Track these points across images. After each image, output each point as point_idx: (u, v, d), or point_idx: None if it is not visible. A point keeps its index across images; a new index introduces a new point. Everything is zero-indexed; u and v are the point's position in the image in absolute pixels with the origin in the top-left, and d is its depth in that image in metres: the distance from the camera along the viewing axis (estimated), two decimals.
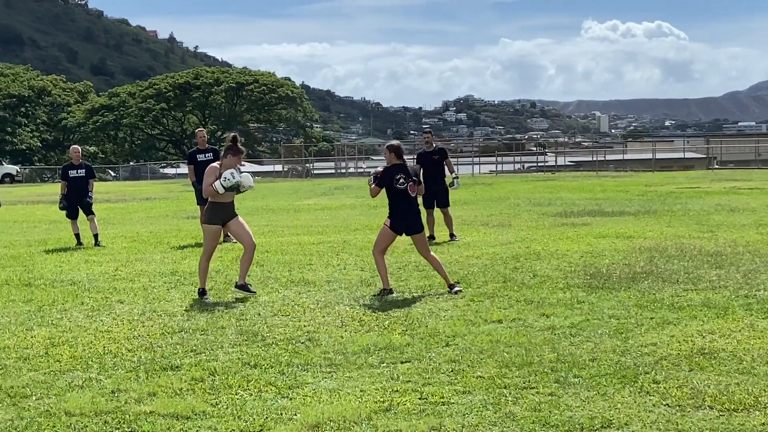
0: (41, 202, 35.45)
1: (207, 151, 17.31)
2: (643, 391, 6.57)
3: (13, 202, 35.39)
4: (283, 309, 9.95)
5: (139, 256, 15.11)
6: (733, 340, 7.99)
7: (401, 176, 10.79)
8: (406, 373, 7.21)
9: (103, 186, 49.38)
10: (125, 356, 8.02)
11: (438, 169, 16.46)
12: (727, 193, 27.74)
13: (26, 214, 28.24)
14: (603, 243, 14.81)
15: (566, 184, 37.09)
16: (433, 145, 16.69)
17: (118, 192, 42.76)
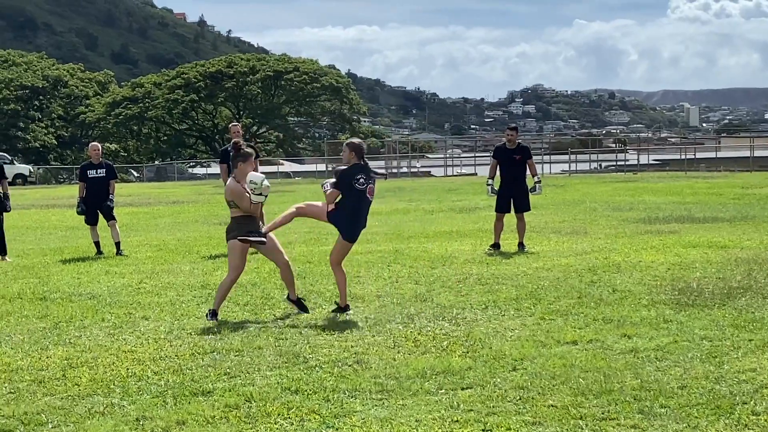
0: (57, 206, 36.00)
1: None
2: (740, 423, 6.50)
3: (26, 206, 35.96)
4: (328, 327, 10.00)
5: (166, 267, 15.28)
6: None
7: (361, 176, 10.76)
8: (467, 400, 7.20)
9: (125, 188, 50.02)
10: (151, 380, 8.12)
11: (519, 170, 16.55)
12: None
13: (40, 220, 28.69)
14: (693, 253, 14.69)
15: (650, 185, 36.81)
16: (516, 143, 16.72)
17: (142, 194, 43.29)
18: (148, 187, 55.23)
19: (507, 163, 16.48)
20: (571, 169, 62.19)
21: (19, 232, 23.54)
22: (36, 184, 68.38)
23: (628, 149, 79.56)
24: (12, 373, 8.44)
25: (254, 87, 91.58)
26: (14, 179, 66.91)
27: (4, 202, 17.48)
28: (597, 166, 69.49)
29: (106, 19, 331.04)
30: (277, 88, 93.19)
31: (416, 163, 73.58)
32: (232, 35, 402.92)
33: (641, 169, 60.98)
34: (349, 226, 10.84)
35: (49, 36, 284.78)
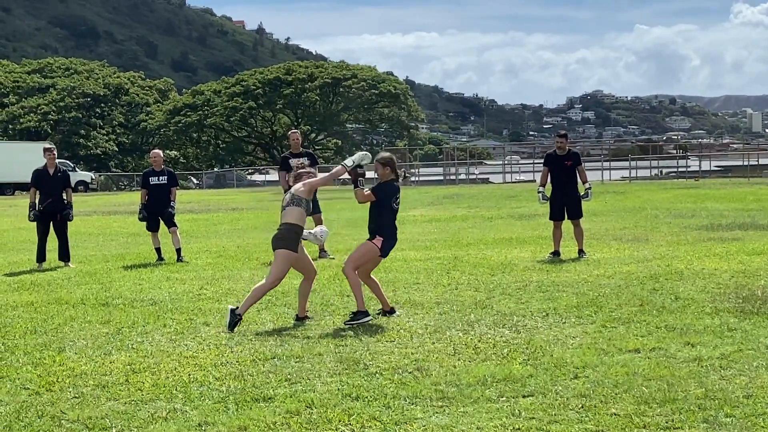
0: (118, 212, 36.45)
1: (301, 155, 17.54)
2: None
3: (88, 213, 36.47)
4: (388, 334, 10.01)
5: (226, 274, 15.40)
6: None
7: (398, 197, 11.08)
8: (528, 408, 7.17)
9: (185, 195, 50.48)
10: (212, 385, 8.17)
11: (570, 176, 16.44)
12: None
13: (102, 226, 29.06)
14: (758, 261, 14.51)
15: (712, 192, 36.42)
16: (566, 149, 16.64)
17: (202, 201, 43.68)
18: (208, 194, 55.70)
19: (558, 169, 16.43)
20: (632, 176, 61.67)
21: (81, 239, 23.85)
22: (97, 190, 69.28)
23: (689, 155, 78.76)
24: (76, 378, 8.55)
25: (312, 94, 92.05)
26: (76, 186, 67.79)
27: (68, 211, 17.74)
28: (658, 173, 68.95)
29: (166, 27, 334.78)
30: (335, 95, 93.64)
31: (474, 170, 73.49)
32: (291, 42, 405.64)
33: (703, 175, 60.36)
34: (388, 241, 10.99)
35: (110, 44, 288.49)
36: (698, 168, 65.76)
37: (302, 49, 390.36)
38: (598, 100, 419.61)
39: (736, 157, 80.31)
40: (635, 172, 64.17)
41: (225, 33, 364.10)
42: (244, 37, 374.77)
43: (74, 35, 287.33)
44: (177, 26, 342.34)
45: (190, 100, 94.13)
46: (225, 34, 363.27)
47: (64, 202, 17.72)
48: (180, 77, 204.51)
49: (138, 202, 18.50)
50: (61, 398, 7.89)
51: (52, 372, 8.78)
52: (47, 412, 7.49)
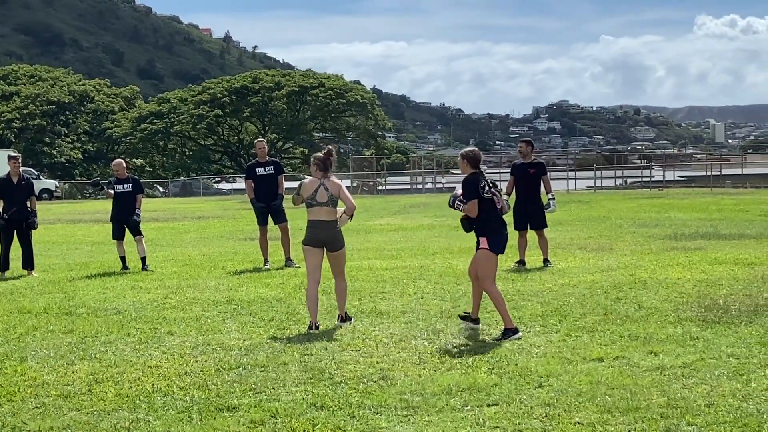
0: (82, 221, 36.21)
1: (267, 164, 17.51)
2: None
3: (52, 221, 36.21)
4: (353, 343, 10.00)
5: (191, 282, 15.33)
6: None
7: (484, 183, 10.48)
8: (493, 417, 7.19)
9: (151, 203, 50.22)
10: (176, 395, 8.14)
11: (533, 186, 16.45)
12: None
13: (66, 235, 28.87)
14: (719, 270, 14.62)
15: (676, 202, 36.69)
16: (532, 158, 16.67)
17: (168, 210, 43.47)
18: (174, 203, 55.46)
19: (522, 178, 16.45)
20: (596, 186, 61.99)
21: (45, 247, 23.68)
22: (62, 199, 68.75)
23: (653, 165, 79.28)
24: (38, 388, 8.48)
25: (280, 102, 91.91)
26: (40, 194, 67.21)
27: (33, 219, 17.62)
28: (622, 183, 69.32)
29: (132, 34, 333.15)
30: (302, 103, 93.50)
31: (441, 179, 73.56)
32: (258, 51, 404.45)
33: (667, 185, 60.79)
34: (498, 238, 10.50)
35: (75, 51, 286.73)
36: (662, 178, 66.19)
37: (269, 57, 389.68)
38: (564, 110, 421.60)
39: (699, 167, 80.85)
40: (600, 181, 64.48)
41: (192, 41, 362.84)
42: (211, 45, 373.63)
43: (39, 42, 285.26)
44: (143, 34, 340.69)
45: (156, 108, 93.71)
46: (192, 41, 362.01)
47: (29, 210, 17.58)
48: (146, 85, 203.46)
49: (107, 211, 18.35)
50: (22, 408, 7.82)
51: (13, 382, 8.71)
52: (8, 422, 7.43)
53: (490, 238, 10.46)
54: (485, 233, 10.50)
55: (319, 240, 11.08)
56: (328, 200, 11.00)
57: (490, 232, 10.49)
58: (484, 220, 10.46)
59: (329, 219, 11.05)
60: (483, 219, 10.47)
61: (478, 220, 10.48)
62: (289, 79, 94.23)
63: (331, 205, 11.05)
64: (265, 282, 15.02)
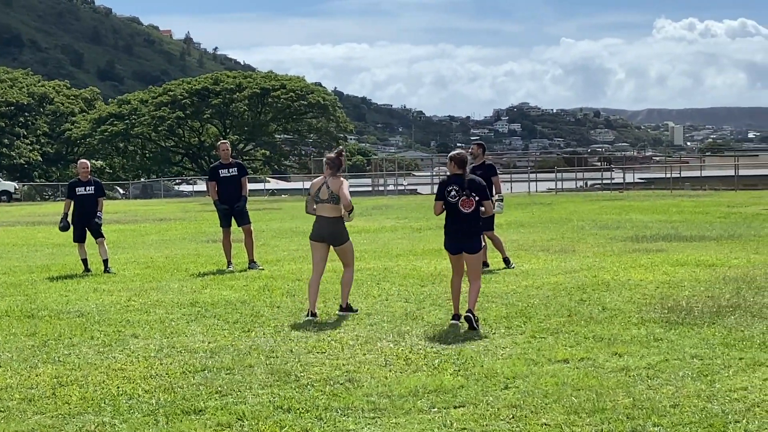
0: (43, 223, 35.84)
1: (231, 165, 17.43)
2: None
3: (12, 223, 35.86)
4: (319, 345, 9.98)
5: (154, 285, 15.23)
6: None
7: (453, 188, 10.92)
8: (460, 419, 7.20)
9: (111, 205, 49.84)
10: (142, 398, 8.08)
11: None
12: None
13: (26, 237, 28.57)
14: (681, 272, 14.72)
15: (636, 204, 36.93)
16: (482, 160, 16.68)
17: (129, 212, 43.18)
18: (134, 205, 55.10)
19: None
20: (557, 188, 62.30)
21: (5, 250, 23.45)
22: (21, 201, 68.12)
23: (613, 168, 79.78)
24: (1, 392, 8.40)
25: (241, 104, 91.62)
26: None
27: None
28: (583, 185, 69.68)
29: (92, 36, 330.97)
30: (263, 105, 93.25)
31: (403, 181, 73.66)
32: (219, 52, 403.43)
33: (627, 187, 61.18)
34: (445, 236, 11.19)
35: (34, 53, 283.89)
36: (622, 180, 66.62)
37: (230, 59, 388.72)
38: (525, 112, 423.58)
39: (659, 169, 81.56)
40: (561, 183, 64.81)
41: (152, 42, 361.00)
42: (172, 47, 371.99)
43: None
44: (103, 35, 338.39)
45: (117, 110, 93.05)
46: (152, 43, 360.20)
47: None
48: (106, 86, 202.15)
49: (62, 212, 18.17)
50: None
51: None
52: None
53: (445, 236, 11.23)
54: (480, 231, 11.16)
55: (321, 235, 11.81)
56: (329, 197, 11.65)
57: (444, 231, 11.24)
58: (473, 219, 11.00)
59: (331, 215, 11.70)
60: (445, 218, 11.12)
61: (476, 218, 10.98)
62: (251, 81, 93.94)
63: (332, 202, 11.67)
64: (229, 284, 14.96)
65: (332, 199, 11.64)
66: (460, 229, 10.99)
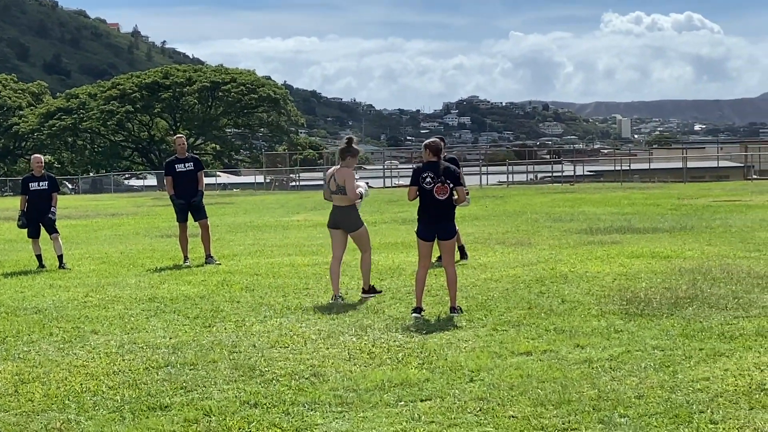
0: None
1: (187, 160, 17.33)
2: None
3: None
4: (281, 340, 9.95)
5: (111, 281, 15.10)
6: None
7: (429, 174, 11.14)
8: (428, 412, 7.21)
9: (60, 200, 49.28)
10: (106, 394, 8.02)
11: None
12: None
13: None
14: (637, 264, 14.84)
15: (588, 196, 37.19)
16: (444, 154, 16.69)
17: (79, 207, 42.75)
18: (84, 200, 54.57)
19: None
20: (509, 180, 62.58)
21: None
22: None
23: (563, 160, 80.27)
24: None
25: (191, 98, 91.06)
26: None
27: None
28: (533, 178, 70.06)
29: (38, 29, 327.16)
30: (214, 99, 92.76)
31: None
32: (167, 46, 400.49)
33: (577, 180, 61.61)
34: (419, 223, 11.37)
35: None
36: (572, 173, 67.06)
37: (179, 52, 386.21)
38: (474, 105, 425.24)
39: (608, 162, 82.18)
40: (511, 176, 65.10)
41: (99, 35, 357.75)
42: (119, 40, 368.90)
43: None
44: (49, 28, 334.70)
45: (65, 104, 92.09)
46: (99, 36, 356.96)
47: None
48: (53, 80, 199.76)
49: (17, 208, 17.98)
50: None
51: None
52: None
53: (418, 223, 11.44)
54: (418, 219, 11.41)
55: (334, 222, 12.69)
56: (337, 188, 12.43)
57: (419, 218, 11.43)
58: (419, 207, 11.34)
59: (341, 204, 12.50)
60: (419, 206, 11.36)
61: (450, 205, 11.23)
62: (201, 75, 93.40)
63: (341, 192, 12.42)
64: (187, 279, 14.87)
65: (340, 190, 12.39)
66: (434, 214, 11.19)
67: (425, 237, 11.32)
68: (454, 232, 11.35)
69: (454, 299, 11.19)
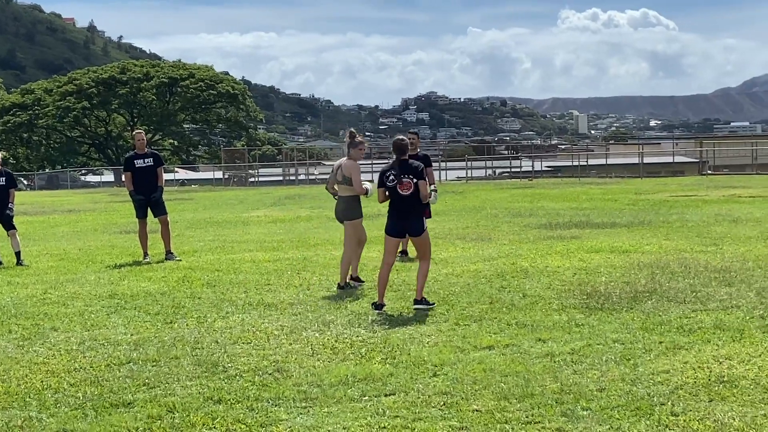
0: None
1: (147, 155, 17.21)
2: (661, 424, 6.65)
3: None
4: (244, 336, 9.93)
5: (70, 277, 14.98)
6: (753, 366, 8.11)
7: (391, 173, 11.31)
8: (392, 407, 7.23)
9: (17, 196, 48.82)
10: (68, 392, 7.96)
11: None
12: (726, 202, 28.13)
13: None
14: (597, 258, 14.95)
15: (547, 192, 37.39)
16: (417, 150, 16.77)
17: (36, 203, 42.35)
18: (41, 196, 54.08)
19: None
20: (468, 176, 62.74)
21: None
22: None
23: (521, 156, 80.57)
24: None
25: (149, 94, 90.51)
26: None
27: None
28: (492, 173, 70.27)
29: None
30: (172, 94, 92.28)
31: (314, 171, 73.48)
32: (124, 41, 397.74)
33: (535, 175, 61.88)
34: (387, 220, 11.50)
35: None
36: (531, 168, 67.33)
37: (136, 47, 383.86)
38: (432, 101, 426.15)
39: (565, 157, 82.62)
40: (470, 172, 65.28)
41: (54, 30, 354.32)
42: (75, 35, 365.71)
43: None
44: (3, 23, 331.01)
45: (20, 100, 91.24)
46: (54, 31, 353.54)
47: None
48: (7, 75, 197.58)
49: None
50: None
51: None
52: None
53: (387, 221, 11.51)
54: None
55: (336, 212, 13.36)
56: (343, 179, 13.00)
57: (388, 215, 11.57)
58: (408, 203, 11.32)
59: (345, 194, 13.06)
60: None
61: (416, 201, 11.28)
62: (158, 70, 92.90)
63: (346, 183, 12.94)
64: (147, 275, 14.79)
65: (346, 181, 12.94)
66: (400, 210, 11.29)
67: (390, 232, 11.40)
68: (422, 229, 11.32)
69: (420, 291, 11.17)
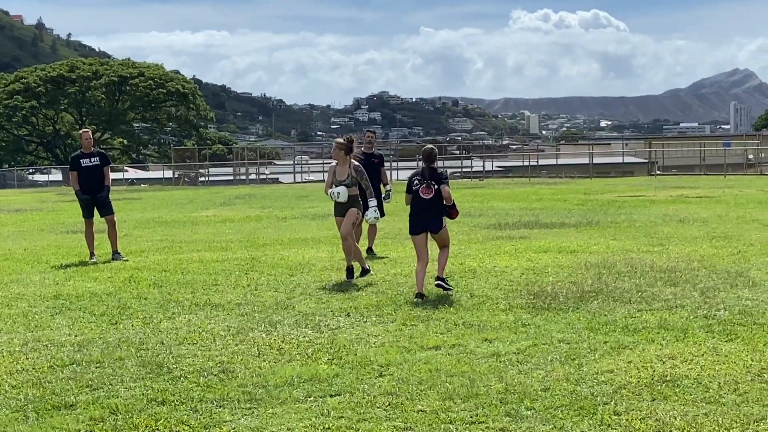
0: None
1: (93, 155, 17.08)
2: (603, 424, 6.70)
3: None
4: (190, 336, 9.87)
5: (14, 277, 14.82)
6: (696, 365, 8.20)
7: (416, 178, 12.30)
8: (337, 407, 7.22)
9: None
10: (9, 393, 7.87)
11: (377, 175, 16.56)
12: (674, 202, 28.44)
13: None
14: (545, 258, 15.04)
15: (497, 191, 37.59)
16: (372, 149, 16.88)
17: None
18: None
19: (368, 168, 16.50)
20: None
21: None
22: None
23: (472, 156, 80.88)
24: None
25: (98, 92, 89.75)
26: None
27: None
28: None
29: None
30: (121, 93, 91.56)
31: (265, 170, 73.27)
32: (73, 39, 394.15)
33: (486, 175, 62.17)
34: (410, 221, 12.41)
35: None
36: (482, 168, 67.64)
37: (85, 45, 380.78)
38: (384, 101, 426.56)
39: (516, 157, 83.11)
40: None
41: (2, 27, 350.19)
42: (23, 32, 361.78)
43: None
44: None
45: None
46: (2, 28, 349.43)
47: None
48: None
49: None
50: None
51: None
52: None
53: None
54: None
55: (336, 210, 13.90)
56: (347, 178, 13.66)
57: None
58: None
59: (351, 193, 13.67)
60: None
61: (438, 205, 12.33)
62: (108, 69, 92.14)
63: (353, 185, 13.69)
64: (93, 276, 14.66)
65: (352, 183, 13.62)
66: (421, 212, 12.23)
67: (413, 232, 12.34)
68: (440, 227, 12.25)
69: (441, 270, 12.10)
